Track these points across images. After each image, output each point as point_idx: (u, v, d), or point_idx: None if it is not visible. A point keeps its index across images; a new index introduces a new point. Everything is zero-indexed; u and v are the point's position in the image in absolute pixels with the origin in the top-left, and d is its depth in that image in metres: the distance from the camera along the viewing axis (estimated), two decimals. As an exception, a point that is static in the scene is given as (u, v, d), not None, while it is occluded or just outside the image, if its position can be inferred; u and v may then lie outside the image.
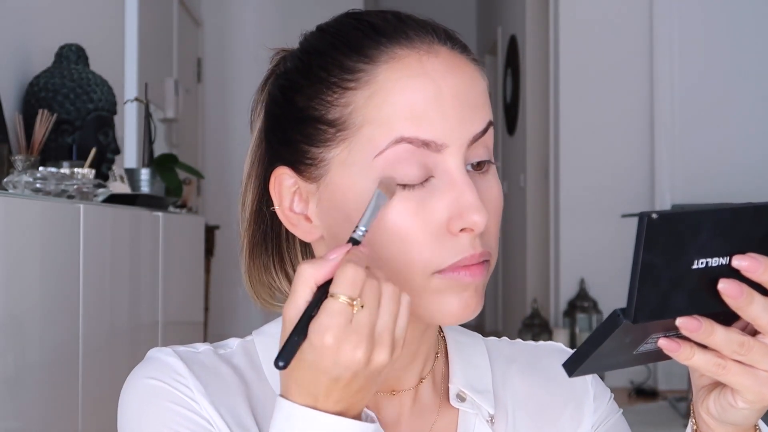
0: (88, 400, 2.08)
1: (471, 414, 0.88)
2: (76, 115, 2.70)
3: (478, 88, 0.82)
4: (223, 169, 6.19)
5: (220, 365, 0.85)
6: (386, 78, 0.79)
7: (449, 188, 0.78)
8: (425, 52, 0.80)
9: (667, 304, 0.66)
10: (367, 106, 0.79)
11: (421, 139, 0.78)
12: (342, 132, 0.80)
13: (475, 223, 0.77)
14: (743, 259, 0.68)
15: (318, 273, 0.71)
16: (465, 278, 0.79)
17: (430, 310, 0.80)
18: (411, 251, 0.78)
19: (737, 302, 0.68)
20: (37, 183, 2.18)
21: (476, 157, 0.81)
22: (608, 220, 5.29)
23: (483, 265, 0.80)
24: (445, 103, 0.79)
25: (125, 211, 2.52)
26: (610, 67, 5.40)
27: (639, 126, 5.38)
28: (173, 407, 0.80)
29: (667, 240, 0.64)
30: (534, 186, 6.22)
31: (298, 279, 0.71)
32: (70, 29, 3.12)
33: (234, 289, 6.20)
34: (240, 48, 6.21)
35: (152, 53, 4.57)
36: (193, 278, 3.49)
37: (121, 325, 2.44)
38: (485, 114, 0.81)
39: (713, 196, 5.12)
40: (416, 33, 0.81)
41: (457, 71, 0.80)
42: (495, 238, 0.83)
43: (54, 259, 1.95)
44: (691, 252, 0.65)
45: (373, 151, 0.78)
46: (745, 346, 0.69)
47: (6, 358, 1.68)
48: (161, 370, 0.82)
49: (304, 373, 0.71)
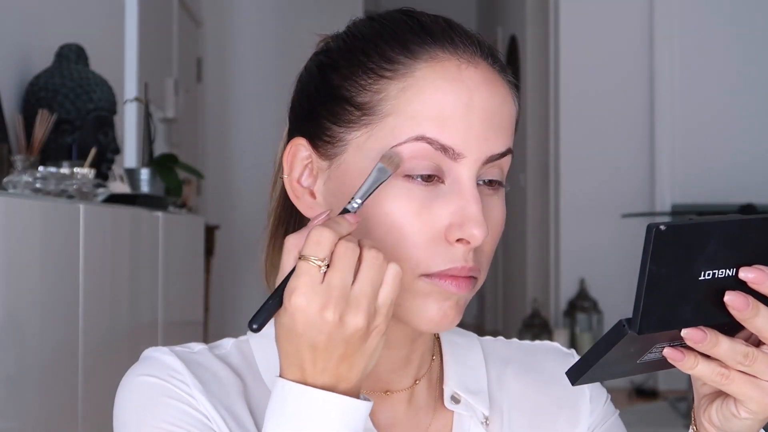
0: (87, 399, 2.07)
1: (466, 416, 0.88)
2: (76, 114, 2.70)
3: (507, 110, 0.82)
4: (223, 169, 6.19)
5: (216, 364, 0.85)
6: (423, 75, 0.80)
7: (457, 197, 0.79)
8: (466, 61, 0.81)
9: (672, 314, 0.66)
10: (397, 98, 0.80)
11: (441, 142, 0.78)
12: (367, 116, 0.80)
13: (473, 236, 0.78)
14: (750, 270, 0.68)
15: (300, 241, 0.72)
16: (450, 287, 0.79)
17: (409, 311, 0.80)
18: (404, 248, 0.79)
19: (743, 314, 0.68)
20: (37, 183, 2.18)
21: (489, 175, 0.81)
22: (609, 219, 5.29)
23: (470, 280, 0.80)
24: (474, 114, 0.79)
25: (125, 210, 2.52)
26: (610, 66, 5.40)
27: (639, 126, 5.38)
28: (172, 402, 0.80)
29: (674, 251, 0.64)
30: (534, 186, 6.22)
31: (284, 249, 0.73)
32: (70, 29, 3.12)
33: (234, 289, 6.20)
34: (240, 48, 6.21)
35: (152, 53, 4.57)
36: (193, 278, 3.49)
37: (120, 325, 2.44)
38: (507, 139, 0.82)
39: (713, 196, 5.12)
40: (461, 41, 0.82)
41: (492, 87, 0.81)
42: (488, 258, 0.82)
43: (54, 259, 1.95)
44: (698, 263, 0.65)
45: (392, 141, 0.79)
46: (750, 357, 0.70)
47: (5, 357, 1.68)
48: (158, 367, 0.82)
49: (285, 344, 0.72)
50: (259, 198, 4.35)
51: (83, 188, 2.31)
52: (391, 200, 0.79)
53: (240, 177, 6.22)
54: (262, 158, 6.65)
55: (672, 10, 5.29)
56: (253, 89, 6.23)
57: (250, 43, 6.21)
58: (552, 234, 5.66)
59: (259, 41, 6.23)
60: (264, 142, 6.29)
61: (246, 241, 6.23)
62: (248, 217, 6.22)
